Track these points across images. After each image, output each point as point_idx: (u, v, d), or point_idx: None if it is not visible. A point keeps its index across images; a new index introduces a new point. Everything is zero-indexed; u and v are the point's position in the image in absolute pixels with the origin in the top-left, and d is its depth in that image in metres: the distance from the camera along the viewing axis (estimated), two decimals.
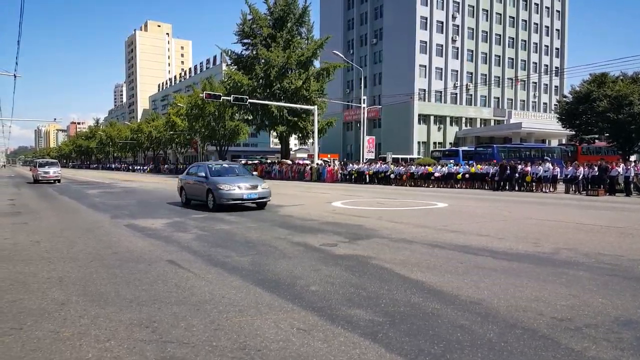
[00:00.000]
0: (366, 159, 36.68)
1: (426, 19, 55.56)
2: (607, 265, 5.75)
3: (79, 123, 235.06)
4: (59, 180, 29.34)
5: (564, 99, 38.16)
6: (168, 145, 78.89)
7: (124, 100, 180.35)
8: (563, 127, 37.92)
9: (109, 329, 3.63)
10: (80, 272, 5.57)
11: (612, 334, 3.44)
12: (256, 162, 48.00)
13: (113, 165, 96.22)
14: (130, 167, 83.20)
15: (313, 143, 40.36)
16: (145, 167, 79.43)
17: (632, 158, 32.93)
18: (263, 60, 39.21)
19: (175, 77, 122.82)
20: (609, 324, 3.67)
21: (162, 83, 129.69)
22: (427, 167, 27.17)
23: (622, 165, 19.92)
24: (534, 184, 21.91)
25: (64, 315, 3.99)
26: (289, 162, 39.89)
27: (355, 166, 31.84)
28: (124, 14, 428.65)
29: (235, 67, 42.64)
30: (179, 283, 5.00)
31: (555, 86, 67.41)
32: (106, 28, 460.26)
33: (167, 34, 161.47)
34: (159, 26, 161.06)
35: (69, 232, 8.81)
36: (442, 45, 57.02)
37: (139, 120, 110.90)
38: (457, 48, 58.33)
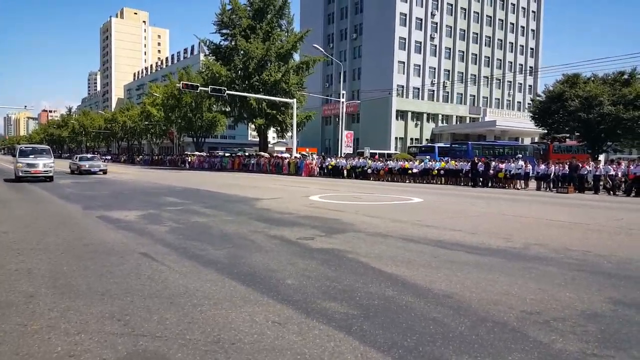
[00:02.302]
0: (344, 153, 36.80)
1: (405, 15, 55.89)
2: (575, 261, 5.93)
3: (51, 111, 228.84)
4: (50, 178, 20.36)
5: (538, 98, 39.05)
6: (143, 136, 77.56)
7: (98, 88, 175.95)
8: (536, 126, 38.84)
9: (79, 322, 3.55)
10: (50, 264, 5.43)
11: (579, 327, 3.56)
12: (228, 154, 47.59)
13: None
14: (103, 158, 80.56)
15: (291, 136, 40.26)
16: (108, 157, 76.98)
17: (601, 157, 33.93)
18: (242, 52, 38.75)
19: (151, 66, 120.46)
20: (576, 317, 3.79)
21: (138, 72, 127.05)
22: (404, 161, 27.48)
23: (592, 163, 20.52)
24: (507, 180, 22.43)
25: (33, 308, 3.88)
26: (267, 155, 39.69)
27: (334, 160, 31.92)
28: (99, 0, 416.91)
29: (214, 57, 42.03)
30: (152, 276, 4.93)
31: (530, 85, 68.84)
32: (81, 14, 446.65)
33: (144, 21, 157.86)
34: (135, 13, 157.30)
35: (39, 223, 8.57)
36: (420, 43, 57.50)
37: (113, 110, 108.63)
38: (435, 45, 58.93)
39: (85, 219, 9.32)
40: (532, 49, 69.27)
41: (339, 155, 35.47)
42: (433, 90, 59.24)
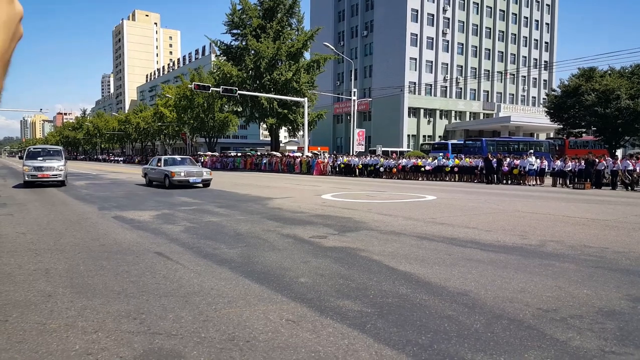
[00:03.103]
0: (356, 151, 36.72)
1: (417, 11, 55.49)
2: (592, 258, 5.84)
3: (65, 114, 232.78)
4: (62, 182, 18.43)
5: (553, 92, 38.41)
6: (156, 137, 78.34)
7: (112, 90, 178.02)
8: (551, 121, 38.23)
9: (96, 320, 3.60)
10: (67, 263, 5.51)
11: (596, 325, 3.50)
12: (240, 154, 47.75)
13: (100, 157, 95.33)
14: (113, 159, 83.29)
15: (303, 135, 40.28)
16: (120, 159, 79.67)
17: (619, 152, 33.25)
18: (253, 51, 38.88)
19: (163, 67, 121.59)
20: (594, 314, 3.73)
21: (150, 73, 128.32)
22: (417, 159, 27.31)
23: (609, 159, 20.18)
24: (522, 177, 22.17)
25: (51, 307, 3.94)
26: (279, 154, 39.78)
27: (346, 158, 31.87)
28: (111, 3, 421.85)
29: (225, 58, 42.26)
30: (167, 275, 4.97)
31: (544, 80, 67.86)
32: (93, 17, 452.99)
33: (155, 23, 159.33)
34: (147, 16, 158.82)
35: (55, 224, 8.70)
36: (432, 38, 57.04)
37: (126, 111, 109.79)
38: (448, 41, 58.41)
39: (100, 219, 9.43)
40: (546, 43, 68.25)
41: (351, 154, 35.40)
42: (446, 87, 58.73)
